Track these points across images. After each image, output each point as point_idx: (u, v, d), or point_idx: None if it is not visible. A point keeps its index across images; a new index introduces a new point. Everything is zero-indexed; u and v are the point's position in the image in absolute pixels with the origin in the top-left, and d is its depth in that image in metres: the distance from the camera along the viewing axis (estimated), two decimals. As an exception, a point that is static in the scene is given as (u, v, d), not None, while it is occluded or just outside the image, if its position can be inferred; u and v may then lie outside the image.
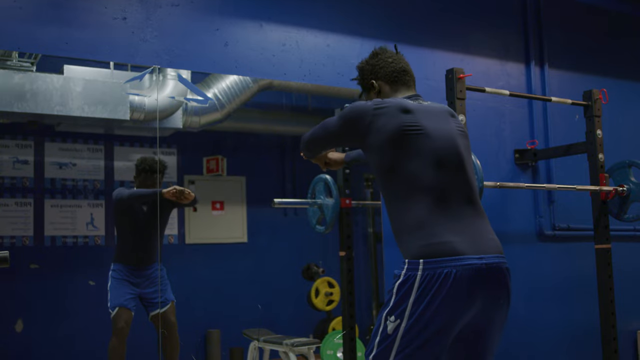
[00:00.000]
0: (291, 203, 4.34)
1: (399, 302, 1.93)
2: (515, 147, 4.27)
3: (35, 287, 5.57)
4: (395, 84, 2.34)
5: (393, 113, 2.10)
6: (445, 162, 2.09)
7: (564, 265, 4.33)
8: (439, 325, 1.92)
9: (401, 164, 2.07)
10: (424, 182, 2.04)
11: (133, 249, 4.21)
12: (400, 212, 2.05)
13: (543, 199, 4.36)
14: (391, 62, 2.36)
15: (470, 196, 2.13)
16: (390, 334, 1.92)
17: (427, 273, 1.91)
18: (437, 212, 2.01)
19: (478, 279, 1.93)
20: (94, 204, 5.89)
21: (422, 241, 1.97)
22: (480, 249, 1.98)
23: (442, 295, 1.89)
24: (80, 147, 5.90)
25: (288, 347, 4.87)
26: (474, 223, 2.06)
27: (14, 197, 5.61)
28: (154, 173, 4.12)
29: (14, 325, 5.48)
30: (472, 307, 1.96)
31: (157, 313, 4.12)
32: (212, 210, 6.38)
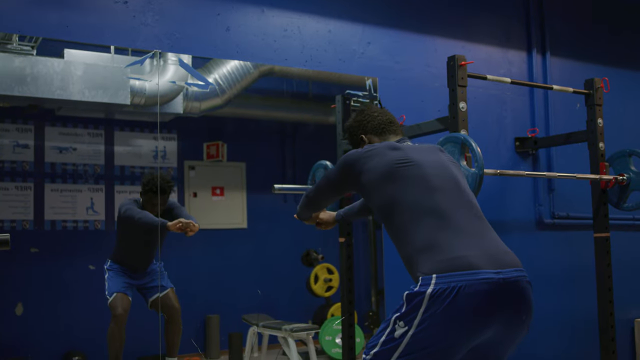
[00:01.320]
0: (291, 189, 4.34)
1: (410, 310, 1.91)
2: (515, 135, 4.27)
3: (35, 271, 5.59)
4: (383, 134, 2.46)
5: (383, 152, 2.21)
6: (442, 185, 2.13)
7: (563, 253, 4.34)
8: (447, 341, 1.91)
9: (399, 196, 2.11)
10: (425, 207, 2.06)
11: (132, 259, 4.24)
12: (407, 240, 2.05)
13: (543, 187, 4.36)
14: (377, 116, 2.46)
15: (474, 212, 2.14)
16: (397, 338, 1.92)
17: (439, 287, 1.88)
18: (446, 231, 2.00)
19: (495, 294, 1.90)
20: (94, 188, 5.90)
21: (435, 258, 1.95)
22: (497, 263, 1.95)
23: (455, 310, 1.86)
24: (81, 132, 5.89)
25: (287, 333, 4.89)
26: (486, 237, 2.06)
27: (14, 181, 5.61)
28: (163, 194, 4.13)
29: (14, 309, 5.50)
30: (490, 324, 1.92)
31: (156, 298, 4.13)
32: (212, 196, 6.39)
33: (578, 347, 4.23)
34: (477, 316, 1.90)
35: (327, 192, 2.43)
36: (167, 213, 4.21)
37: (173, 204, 4.27)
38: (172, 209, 4.24)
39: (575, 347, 4.22)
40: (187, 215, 4.15)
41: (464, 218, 2.08)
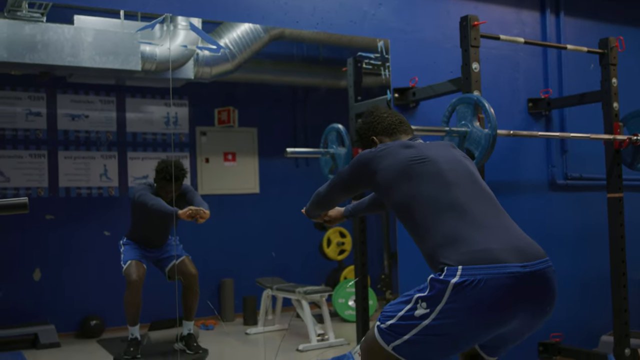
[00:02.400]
0: (303, 153, 4.35)
1: (434, 296, 1.91)
2: (528, 96, 4.23)
3: (51, 238, 5.66)
4: (394, 134, 2.44)
5: (397, 151, 2.20)
6: (458, 180, 2.13)
7: (576, 214, 4.34)
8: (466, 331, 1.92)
9: (416, 193, 2.10)
10: (444, 202, 2.06)
11: (147, 238, 4.27)
12: (428, 236, 2.04)
13: (556, 149, 4.35)
14: (387, 117, 2.44)
15: (493, 205, 2.15)
16: (417, 318, 1.93)
17: (464, 279, 1.87)
18: (467, 225, 2.00)
19: (521, 288, 1.89)
20: (107, 155, 5.93)
21: (460, 250, 1.94)
22: (524, 257, 1.94)
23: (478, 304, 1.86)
24: (92, 99, 5.91)
25: (301, 295, 4.95)
26: (509, 229, 2.06)
27: (28, 149, 5.66)
28: (176, 181, 4.13)
29: (32, 274, 5.59)
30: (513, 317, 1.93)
31: (172, 265, 4.19)
32: (224, 161, 6.41)
33: (590, 306, 4.25)
34: (501, 311, 1.90)
35: (339, 191, 2.42)
36: (181, 197, 4.23)
37: (186, 188, 4.29)
38: (186, 194, 4.26)
39: (588, 306, 4.25)
40: (200, 201, 4.16)
41: (484, 211, 2.08)
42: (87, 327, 5.51)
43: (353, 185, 2.35)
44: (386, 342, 1.98)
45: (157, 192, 4.16)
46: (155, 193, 4.16)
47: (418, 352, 1.95)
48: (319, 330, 4.90)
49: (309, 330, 4.83)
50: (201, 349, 4.11)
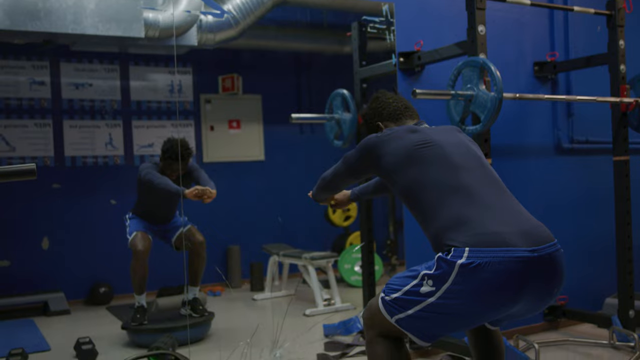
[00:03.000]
0: (308, 118, 4.34)
1: (440, 275, 1.91)
2: (535, 59, 4.20)
3: (58, 207, 5.70)
4: (400, 120, 2.42)
5: (402, 135, 2.20)
6: (465, 163, 2.13)
7: (581, 178, 4.33)
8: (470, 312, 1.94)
9: (422, 177, 2.10)
10: (451, 185, 2.06)
11: (153, 213, 4.27)
12: (434, 218, 2.04)
13: (562, 112, 4.32)
14: (392, 102, 2.44)
15: (501, 188, 2.13)
16: (422, 294, 1.94)
17: (471, 261, 1.86)
18: (475, 207, 2.00)
19: (528, 272, 1.89)
20: (112, 124, 5.94)
21: (468, 232, 1.92)
22: (533, 241, 1.92)
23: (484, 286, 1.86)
24: (96, 67, 5.90)
25: (307, 261, 4.99)
26: (517, 213, 2.04)
27: (32, 118, 5.67)
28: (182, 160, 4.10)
29: (40, 243, 5.64)
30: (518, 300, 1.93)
31: (179, 234, 4.20)
32: (228, 129, 6.41)
33: (595, 269, 4.27)
34: (506, 294, 1.90)
35: (345, 176, 2.41)
36: (187, 175, 4.21)
37: (192, 166, 4.26)
38: (192, 172, 4.24)
39: (593, 269, 4.27)
40: (206, 179, 4.14)
41: (492, 194, 2.07)
42: (96, 294, 5.58)
43: (359, 170, 2.35)
44: (389, 314, 2.00)
45: (163, 171, 4.15)
46: (161, 172, 4.15)
47: (420, 327, 1.97)
48: (326, 296, 4.95)
49: (315, 296, 4.87)
50: (207, 312, 4.16)
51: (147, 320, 4.03)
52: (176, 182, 4.02)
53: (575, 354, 3.47)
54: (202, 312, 4.14)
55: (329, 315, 4.67)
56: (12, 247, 5.53)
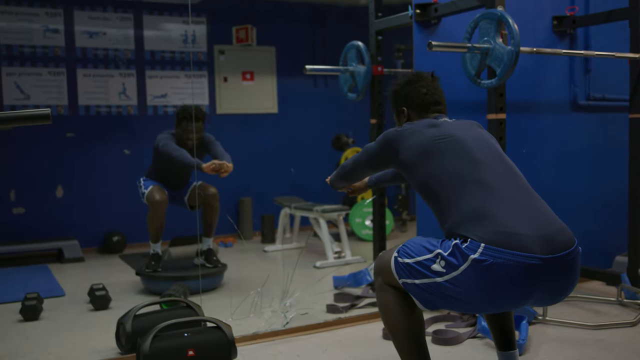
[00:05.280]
0: (323, 70, 4.30)
1: (453, 262, 1.90)
2: (553, 13, 4.12)
3: (72, 155, 5.74)
4: (425, 114, 2.36)
5: (421, 130, 2.18)
6: (485, 158, 2.10)
7: (596, 135, 4.29)
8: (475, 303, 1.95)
9: (440, 170, 2.08)
10: (470, 178, 2.03)
11: (167, 180, 4.25)
12: (452, 211, 2.02)
13: (579, 68, 4.26)
14: (424, 94, 2.37)
15: (523, 185, 2.09)
16: (432, 271, 1.95)
17: (485, 258, 1.85)
18: (495, 202, 1.96)
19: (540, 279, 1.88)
20: (126, 73, 5.93)
21: (486, 228, 1.90)
22: (551, 247, 1.88)
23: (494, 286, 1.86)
24: (110, 16, 5.86)
25: (318, 214, 5.01)
26: (539, 213, 2.00)
27: (46, 67, 5.66)
28: (197, 121, 4.05)
29: (54, 191, 5.70)
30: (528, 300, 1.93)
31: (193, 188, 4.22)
32: (242, 80, 6.38)
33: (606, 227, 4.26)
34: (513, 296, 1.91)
35: (364, 167, 2.43)
36: (202, 147, 4.18)
37: (208, 138, 4.21)
38: (207, 143, 4.20)
39: (604, 227, 4.26)
40: (222, 152, 4.12)
41: (513, 191, 2.03)
42: (110, 242, 5.67)
43: (377, 162, 2.36)
44: (398, 275, 2.02)
45: (179, 137, 4.12)
46: (177, 139, 4.13)
47: (424, 297, 1.98)
48: (336, 248, 4.99)
49: (326, 248, 4.91)
50: (220, 263, 4.21)
51: (160, 267, 4.09)
52: (192, 149, 4.02)
53: (582, 310, 3.49)
54: (216, 263, 4.19)
55: (339, 267, 4.72)
56: (27, 194, 5.60)
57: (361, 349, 2.90)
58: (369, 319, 3.30)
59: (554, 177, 4.08)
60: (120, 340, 2.88)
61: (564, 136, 4.12)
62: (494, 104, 3.23)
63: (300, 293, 3.66)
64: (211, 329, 2.74)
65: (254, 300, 3.50)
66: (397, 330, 2.10)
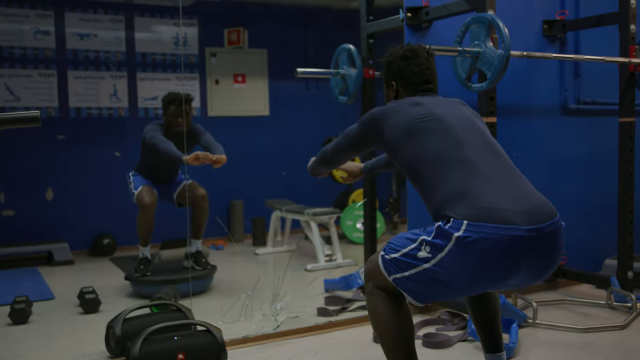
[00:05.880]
0: (314, 73, 4.30)
1: (437, 244, 1.92)
2: (544, 17, 4.14)
3: (62, 158, 5.71)
4: (415, 92, 2.36)
5: (405, 109, 2.18)
6: (468, 137, 2.11)
7: (586, 139, 4.31)
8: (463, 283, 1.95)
9: (423, 150, 2.09)
10: (453, 157, 2.05)
11: (156, 175, 4.23)
12: (435, 191, 2.03)
13: (569, 72, 4.27)
14: (417, 73, 2.35)
15: (505, 162, 2.11)
16: (419, 259, 1.96)
17: (468, 234, 1.86)
18: (477, 180, 1.98)
19: (525, 251, 1.89)
20: (117, 75, 5.91)
21: (468, 205, 1.91)
22: (533, 218, 1.91)
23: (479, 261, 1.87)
24: (101, 18, 5.84)
25: (309, 217, 5.01)
26: (521, 188, 2.02)
27: (37, 68, 5.64)
28: (181, 104, 4.02)
29: (44, 194, 5.68)
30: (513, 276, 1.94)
31: (182, 186, 4.20)
32: (233, 83, 6.38)
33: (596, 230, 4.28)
34: (499, 271, 1.92)
35: (347, 149, 2.40)
36: (191, 136, 4.15)
37: (198, 129, 4.18)
38: (197, 134, 4.18)
39: (593, 230, 4.28)
40: (212, 142, 4.09)
41: (495, 168, 2.05)
42: (100, 245, 5.64)
43: (361, 142, 2.33)
44: (387, 272, 2.02)
45: (168, 123, 4.11)
46: (166, 127, 4.11)
47: (416, 289, 1.99)
48: (327, 251, 4.99)
49: (317, 251, 4.91)
50: (209, 264, 4.20)
51: (150, 271, 4.07)
52: (181, 134, 4.00)
53: (572, 313, 3.51)
54: (205, 265, 4.18)
55: (330, 270, 4.71)
56: (17, 197, 5.57)
57: (352, 353, 2.90)
58: (359, 322, 3.30)
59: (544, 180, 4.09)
60: (110, 344, 2.86)
61: (554, 140, 4.13)
62: (484, 107, 3.24)
63: (291, 296, 3.66)
64: (201, 333, 2.73)
65: (245, 304, 3.49)
66: (386, 335, 2.10)
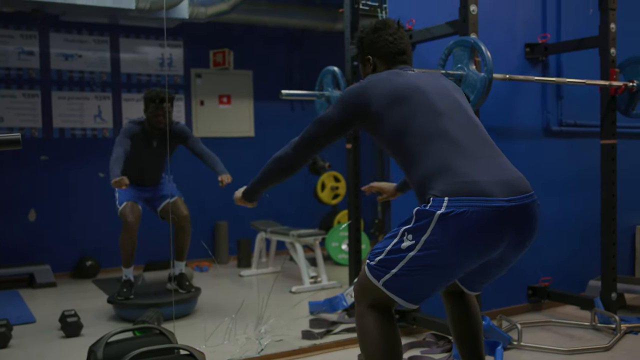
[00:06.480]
0: (299, 95, 4.31)
1: (419, 227, 1.93)
2: (526, 41, 4.18)
3: (46, 179, 5.67)
4: (392, 63, 2.34)
5: (386, 79, 2.16)
6: (448, 111, 2.11)
7: (569, 160, 4.34)
8: (451, 261, 1.96)
9: (406, 123, 2.08)
10: (434, 132, 2.05)
11: (140, 175, 4.20)
12: (418, 165, 2.04)
13: (551, 95, 4.32)
14: (391, 43, 2.33)
15: (484, 137, 2.13)
16: (403, 250, 1.95)
17: (451, 210, 1.88)
18: (457, 155, 2.00)
19: (504, 220, 1.92)
20: (101, 96, 5.90)
21: (448, 180, 1.94)
22: (509, 190, 1.95)
23: (462, 235, 1.89)
24: (86, 38, 5.84)
25: (294, 238, 4.99)
26: (497, 162, 2.05)
27: (21, 89, 5.61)
28: (162, 102, 4.02)
29: (27, 215, 5.62)
30: (496, 247, 1.97)
31: (165, 204, 4.18)
32: (219, 104, 6.38)
33: (579, 252, 4.30)
34: (484, 241, 1.94)
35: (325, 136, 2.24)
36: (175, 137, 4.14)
37: (184, 132, 4.16)
38: (186, 138, 4.18)
39: (577, 252, 4.30)
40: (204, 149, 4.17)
41: (474, 142, 2.07)
42: (83, 267, 5.58)
43: (343, 124, 2.19)
44: (376, 278, 2.01)
45: (148, 119, 4.08)
46: (147, 122, 4.09)
47: (406, 287, 1.98)
48: (312, 273, 4.97)
49: (302, 273, 4.89)
50: (193, 287, 4.16)
51: (133, 294, 4.03)
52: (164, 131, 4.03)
53: (557, 334, 3.51)
54: (189, 288, 4.14)
55: (315, 292, 4.69)
56: (-1, 218, 5.52)
57: (336, 376, 2.88)
58: (344, 345, 3.28)
59: (527, 201, 4.12)
60: (91, 369, 2.82)
61: (537, 161, 4.16)
62: (467, 130, 3.24)
63: (275, 319, 3.64)
64: (184, 357, 2.70)
65: (229, 327, 3.46)
66: (374, 357, 2.08)
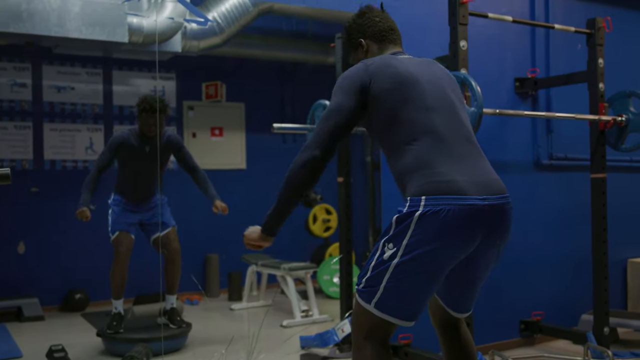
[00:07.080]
0: (290, 128, 4.32)
1: (399, 233, 1.95)
2: (515, 75, 4.23)
3: (36, 211, 5.64)
4: (383, 42, 2.35)
5: (386, 63, 2.14)
6: (437, 105, 2.12)
7: (560, 194, 4.36)
8: (433, 259, 1.96)
9: (398, 112, 2.08)
10: (421, 126, 2.06)
11: (132, 188, 4.19)
12: (401, 158, 2.06)
13: (541, 129, 4.36)
14: (378, 21, 2.36)
15: (467, 137, 2.13)
16: (386, 260, 1.95)
17: (428, 209, 1.92)
18: (438, 153, 2.02)
19: (479, 219, 1.96)
20: (93, 128, 5.90)
21: (425, 179, 1.97)
22: (484, 190, 1.99)
23: (441, 232, 1.92)
24: (79, 71, 5.86)
25: (285, 272, 4.97)
26: (476, 163, 2.06)
27: (13, 121, 5.62)
28: (155, 112, 4.02)
29: (16, 248, 5.58)
30: (471, 244, 1.99)
31: (157, 236, 4.15)
32: (211, 136, 6.40)
33: (571, 286, 4.30)
34: (463, 236, 1.96)
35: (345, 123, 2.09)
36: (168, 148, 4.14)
37: (176, 142, 4.17)
38: (178, 149, 4.19)
39: (569, 286, 4.29)
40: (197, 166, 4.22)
41: (457, 141, 2.08)
42: (72, 300, 5.52)
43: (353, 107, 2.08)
44: (367, 301, 1.99)
45: (140, 128, 4.09)
46: (139, 131, 4.10)
47: (397, 301, 1.98)
48: (303, 307, 4.93)
49: (293, 307, 4.85)
50: (184, 322, 4.11)
51: (123, 328, 3.97)
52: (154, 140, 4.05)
53: (549, 369, 3.49)
54: (180, 324, 4.08)
55: (306, 326, 4.65)
56: (-13, 250, 5.47)
57: (327, 413, 2.84)
58: (335, 381, 3.25)
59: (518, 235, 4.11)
60: (78, 405, 2.78)
61: (528, 195, 4.17)
62: (458, 163, 3.26)
63: (266, 354, 3.60)
64: (172, 393, 2.66)
65: (218, 362, 3.42)
66: None
